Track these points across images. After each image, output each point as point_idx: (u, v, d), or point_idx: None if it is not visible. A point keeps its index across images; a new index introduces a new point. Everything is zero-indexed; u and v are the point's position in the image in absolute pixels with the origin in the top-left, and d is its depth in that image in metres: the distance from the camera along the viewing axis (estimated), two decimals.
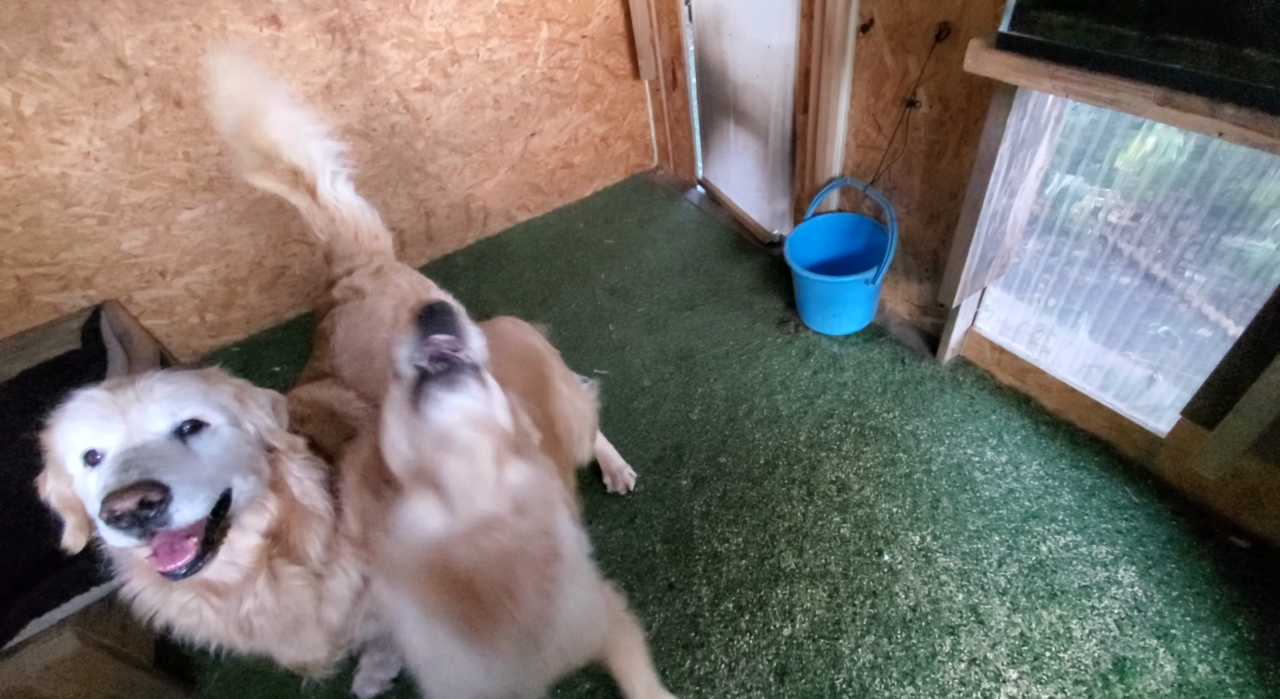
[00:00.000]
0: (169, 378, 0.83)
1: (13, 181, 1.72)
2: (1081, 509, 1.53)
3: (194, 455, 0.80)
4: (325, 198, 1.44)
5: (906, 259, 1.99)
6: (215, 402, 0.85)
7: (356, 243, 1.49)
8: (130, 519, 0.70)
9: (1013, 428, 1.74)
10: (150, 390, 0.79)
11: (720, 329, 2.21)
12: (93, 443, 0.76)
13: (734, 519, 1.64)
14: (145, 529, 0.71)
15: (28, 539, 1.31)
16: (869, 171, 1.95)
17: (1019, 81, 1.27)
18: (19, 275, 1.82)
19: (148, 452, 0.75)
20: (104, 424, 0.76)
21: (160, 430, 0.78)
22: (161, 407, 0.79)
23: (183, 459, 0.77)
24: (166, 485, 0.72)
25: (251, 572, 0.88)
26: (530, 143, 2.67)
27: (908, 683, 1.30)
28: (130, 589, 0.87)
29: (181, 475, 0.74)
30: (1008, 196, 1.52)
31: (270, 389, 0.98)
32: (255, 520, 0.88)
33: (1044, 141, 1.50)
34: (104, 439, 0.76)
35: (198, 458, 0.80)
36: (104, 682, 1.16)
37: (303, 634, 0.96)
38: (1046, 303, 1.78)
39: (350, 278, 1.40)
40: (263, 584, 0.89)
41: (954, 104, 1.61)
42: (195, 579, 0.82)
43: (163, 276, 2.06)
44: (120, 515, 0.69)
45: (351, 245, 1.48)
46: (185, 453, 0.79)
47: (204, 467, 0.79)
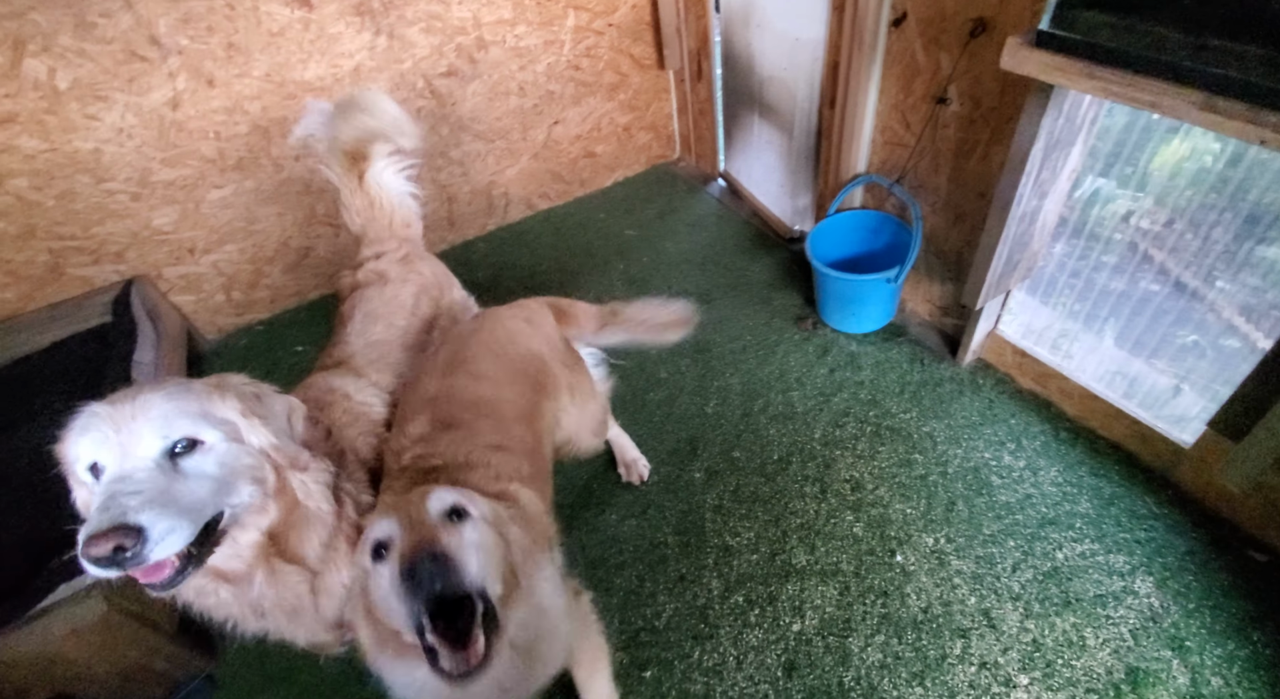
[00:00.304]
0: (171, 393, 0.82)
1: (47, 155, 1.75)
2: (1100, 517, 1.52)
3: (182, 480, 0.80)
4: (370, 183, 1.47)
5: (929, 259, 1.97)
6: (216, 417, 0.84)
7: (389, 229, 1.51)
8: (107, 562, 0.72)
9: (1032, 433, 1.72)
10: (147, 408, 0.79)
11: (738, 323, 2.20)
12: (94, 457, 0.79)
13: (746, 514, 1.64)
14: (122, 568, 0.73)
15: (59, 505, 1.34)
16: (895, 169, 1.93)
17: (1057, 81, 1.24)
18: (51, 248, 1.86)
19: (131, 484, 0.76)
20: (103, 439, 0.78)
21: (149, 454, 0.79)
22: (154, 427, 0.79)
23: (167, 489, 0.77)
24: (141, 528, 0.73)
25: (252, 564, 0.91)
26: (553, 131, 2.67)
27: (916, 684, 1.30)
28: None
29: (164, 510, 0.75)
30: (1038, 198, 1.50)
31: (288, 397, 0.98)
32: (257, 519, 0.90)
33: (1078, 143, 1.47)
34: (103, 454, 0.78)
35: (186, 483, 0.80)
36: (129, 647, 1.20)
37: (304, 620, 1.00)
38: (1072, 308, 1.76)
39: (377, 262, 1.41)
40: (261, 577, 0.92)
41: (986, 102, 1.58)
42: (206, 567, 0.85)
43: (191, 254, 2.09)
44: (97, 559, 0.71)
45: (384, 231, 1.50)
46: (173, 478, 0.79)
47: (191, 492, 0.79)
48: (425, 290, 1.43)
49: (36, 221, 1.81)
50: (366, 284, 1.37)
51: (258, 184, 2.10)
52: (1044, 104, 1.33)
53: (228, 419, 0.85)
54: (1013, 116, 1.55)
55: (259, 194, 2.12)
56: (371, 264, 1.41)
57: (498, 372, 1.16)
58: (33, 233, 1.81)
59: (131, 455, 0.77)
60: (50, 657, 1.12)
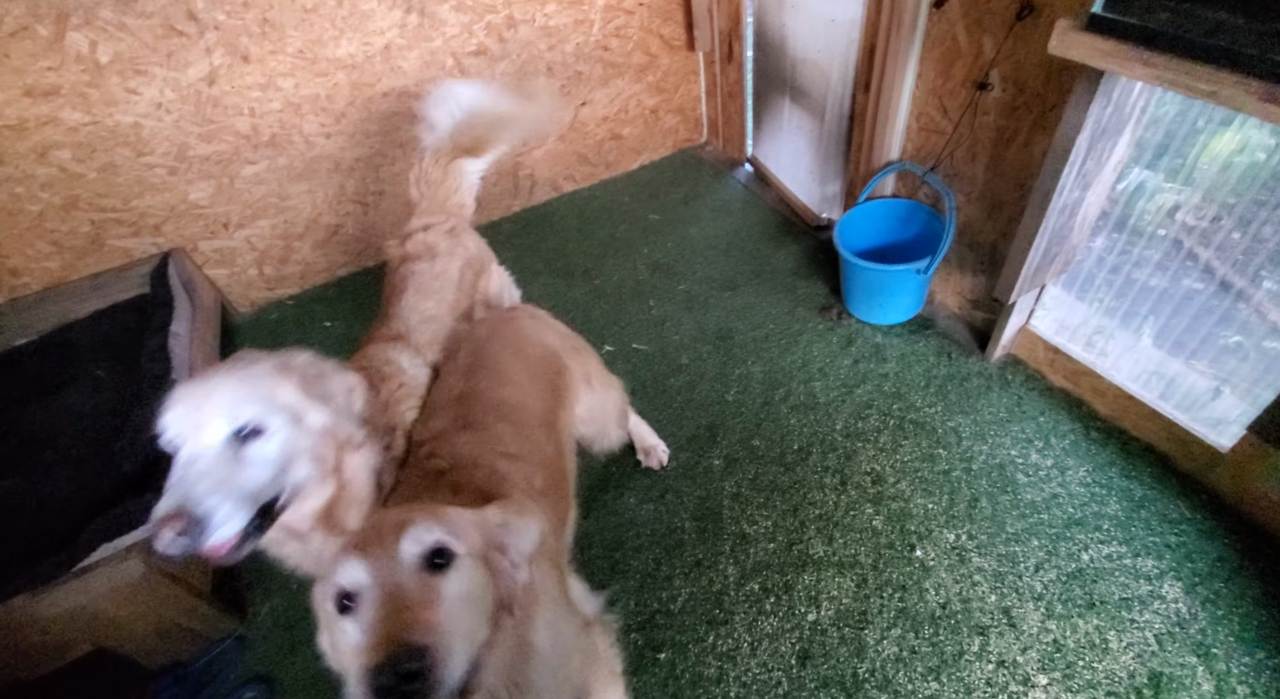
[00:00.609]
0: (241, 377, 0.88)
1: (89, 128, 1.79)
2: (1129, 520, 1.48)
3: (244, 465, 0.85)
4: (458, 164, 1.55)
5: (962, 250, 1.93)
6: (280, 402, 0.89)
7: (444, 204, 1.56)
8: (173, 540, 0.78)
9: (1061, 431, 1.69)
10: (218, 392, 0.85)
11: (761, 311, 2.18)
12: (176, 432, 0.85)
13: (764, 502, 1.64)
14: (187, 547, 0.79)
15: (100, 468, 1.40)
16: (929, 156, 1.88)
17: (1108, 67, 1.19)
18: (93, 219, 1.91)
19: (196, 470, 0.82)
20: (183, 418, 0.84)
21: (216, 438, 0.84)
22: (222, 412, 0.84)
23: (230, 474, 0.83)
24: (200, 516, 0.79)
25: (313, 525, 0.98)
26: (580, 112, 2.65)
27: (932, 678, 1.29)
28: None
29: (222, 496, 0.81)
30: (1080, 189, 1.45)
31: (350, 375, 1.02)
32: (319, 491, 0.96)
33: (1126, 133, 1.42)
34: (182, 432, 0.84)
35: (248, 468, 0.85)
36: (165, 606, 1.25)
37: None
38: (1109, 304, 1.71)
39: (426, 234, 1.45)
40: (320, 537, 0.99)
41: (1030, 88, 1.53)
42: (278, 523, 0.91)
43: (225, 228, 2.14)
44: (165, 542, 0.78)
45: (439, 205, 1.55)
46: (236, 464, 0.84)
47: (252, 477, 0.85)
48: (470, 264, 1.49)
49: (79, 193, 1.86)
50: (416, 257, 1.41)
51: (289, 161, 2.13)
52: (1092, 91, 1.27)
53: (290, 404, 0.90)
54: (1058, 104, 1.49)
55: (290, 171, 2.15)
56: (420, 236, 1.45)
57: (520, 373, 1.16)
58: (75, 204, 1.86)
59: (201, 437, 0.83)
60: (92, 612, 1.17)
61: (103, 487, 1.34)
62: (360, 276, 2.49)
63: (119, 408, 1.52)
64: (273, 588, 1.57)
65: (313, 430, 0.92)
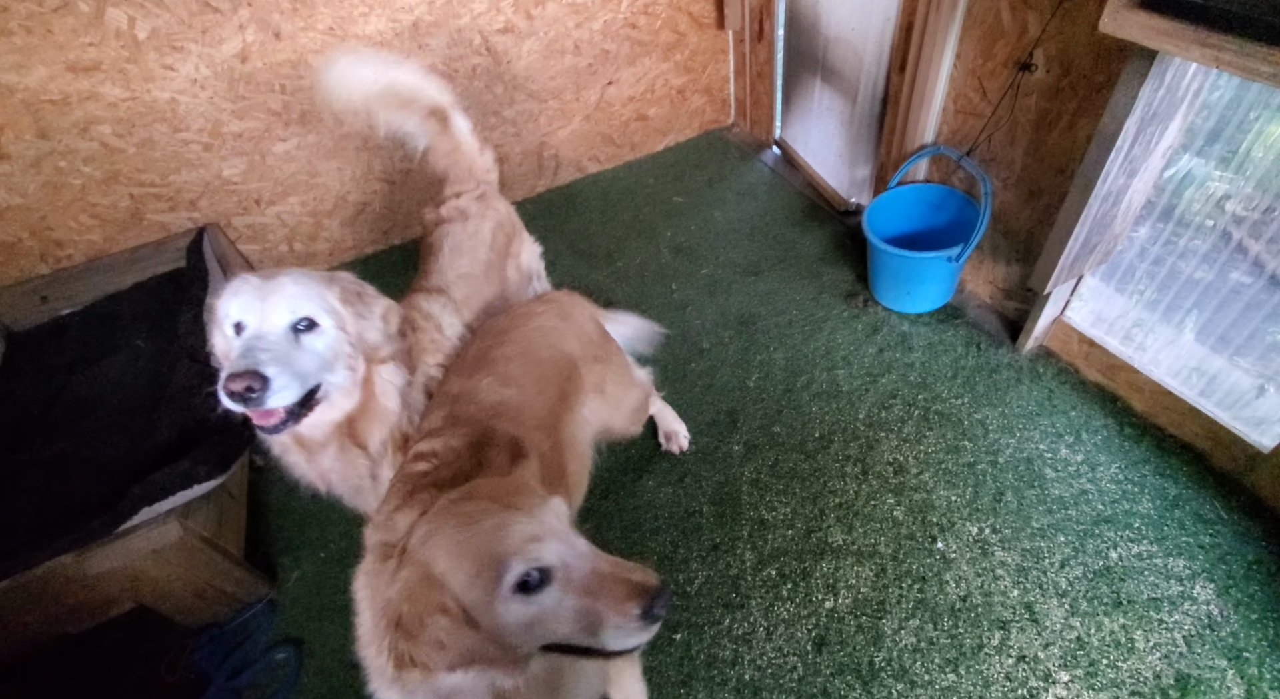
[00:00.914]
0: (299, 278, 1.00)
1: (128, 103, 1.82)
2: (1161, 519, 1.44)
3: (300, 350, 0.99)
4: (454, 129, 1.60)
5: (996, 238, 1.87)
6: (328, 305, 1.02)
7: (470, 172, 1.62)
8: (239, 397, 0.92)
9: (1094, 427, 1.64)
10: (283, 288, 0.98)
11: (784, 297, 2.15)
12: (240, 317, 0.98)
13: (783, 489, 1.63)
14: (248, 406, 0.94)
15: (141, 434, 1.45)
16: (966, 140, 1.82)
17: (1162, 47, 1.13)
18: (133, 194, 1.96)
19: (264, 342, 0.96)
20: (249, 305, 0.97)
21: (281, 324, 0.98)
22: (287, 304, 0.98)
23: (288, 353, 0.97)
24: (268, 377, 0.93)
25: (328, 437, 1.08)
26: (606, 92, 2.62)
27: (950, 670, 1.28)
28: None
29: (281, 368, 0.95)
30: (1126, 176, 1.39)
31: (387, 299, 1.13)
32: (342, 402, 1.07)
33: (1177, 117, 1.35)
34: (248, 317, 0.98)
35: (302, 353, 0.99)
36: (201, 568, 1.30)
37: (365, 498, 1.17)
38: (1150, 297, 1.65)
39: (458, 200, 1.54)
40: (334, 451, 1.09)
41: (1076, 69, 1.46)
42: (289, 431, 1.02)
43: (258, 204, 2.17)
44: (232, 393, 0.92)
45: (465, 172, 1.61)
46: (293, 347, 0.98)
47: (304, 361, 0.98)
48: (500, 226, 1.57)
49: (119, 168, 1.90)
50: (450, 220, 1.49)
51: (319, 138, 2.15)
52: (1144, 73, 1.22)
53: (336, 309, 1.02)
54: (1105, 86, 1.43)
55: (320, 148, 2.17)
56: (453, 202, 1.53)
57: (525, 376, 1.14)
58: (116, 178, 1.91)
59: (268, 322, 0.97)
60: (134, 573, 1.23)
61: (144, 452, 1.39)
62: (386, 255, 2.52)
63: (157, 377, 1.57)
64: (302, 556, 1.62)
65: (352, 337, 1.03)
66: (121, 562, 1.21)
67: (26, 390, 1.64)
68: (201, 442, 1.36)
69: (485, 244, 1.49)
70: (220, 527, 1.36)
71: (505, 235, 1.58)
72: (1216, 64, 1.05)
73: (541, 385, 1.14)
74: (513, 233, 1.63)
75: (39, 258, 1.93)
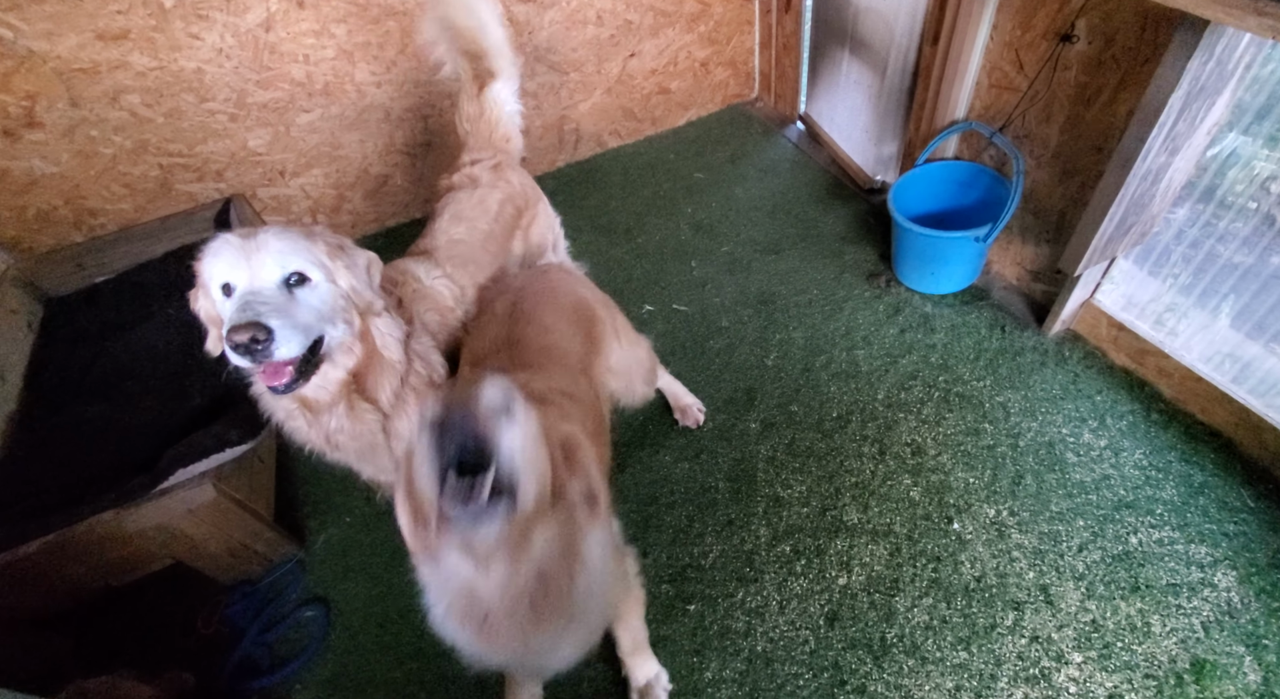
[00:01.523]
0: (281, 233, 0.98)
1: (156, 73, 1.84)
2: (1185, 506, 1.43)
3: (296, 303, 0.97)
4: (487, 96, 1.58)
5: (1026, 218, 1.82)
6: (316, 259, 1.00)
7: (490, 140, 1.60)
8: (244, 349, 0.90)
9: (1119, 412, 1.62)
10: (267, 245, 0.95)
11: (805, 276, 2.13)
12: (227, 277, 0.96)
13: (799, 467, 1.64)
14: (255, 358, 0.91)
15: (174, 400, 1.50)
16: (999, 116, 1.77)
17: (1214, 16, 1.08)
18: (162, 164, 1.98)
19: (260, 297, 0.93)
20: (235, 264, 0.95)
21: (272, 280, 0.96)
22: (275, 260, 0.96)
23: (287, 306, 0.95)
24: (271, 328, 0.91)
25: (336, 397, 1.07)
26: (628, 64, 2.57)
27: (962, 648, 1.29)
28: (257, 390, 1.10)
29: (283, 320, 0.93)
30: (1167, 154, 1.34)
31: (369, 251, 1.11)
32: (344, 359, 1.06)
33: (1225, 92, 1.30)
34: (236, 277, 0.95)
35: (299, 306, 0.97)
36: (233, 528, 1.35)
37: (377, 456, 1.17)
38: (1184, 281, 1.60)
39: (472, 168, 1.52)
40: (342, 410, 1.08)
41: (1120, 41, 1.40)
42: (294, 394, 1.02)
43: (282, 176, 2.19)
44: (237, 345, 0.90)
45: (485, 140, 1.60)
46: (290, 300, 0.96)
47: (302, 314, 0.97)
48: (511, 199, 1.53)
49: (148, 137, 1.93)
50: (460, 187, 1.48)
51: (342, 110, 2.15)
52: (1193, 44, 1.16)
53: (324, 263, 1.01)
54: (1150, 58, 1.37)
55: (343, 120, 2.17)
56: (467, 169, 1.51)
57: (559, 322, 1.20)
58: (145, 148, 1.94)
59: (259, 279, 0.95)
60: (171, 531, 1.28)
61: (176, 416, 1.44)
62: (408, 228, 2.54)
63: (188, 345, 1.62)
64: (328, 520, 1.67)
65: (343, 290, 1.03)
66: (159, 520, 1.26)
67: (65, 355, 1.70)
68: (232, 408, 1.40)
69: (489, 214, 1.46)
70: (251, 489, 1.40)
71: (515, 208, 1.55)
72: (1274, 35, 1.00)
73: (573, 330, 1.19)
74: (524, 206, 1.59)
75: (73, 226, 1.98)
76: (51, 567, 1.25)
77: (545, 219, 1.70)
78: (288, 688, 1.38)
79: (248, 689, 1.37)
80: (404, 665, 1.40)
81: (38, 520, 1.24)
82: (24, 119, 1.78)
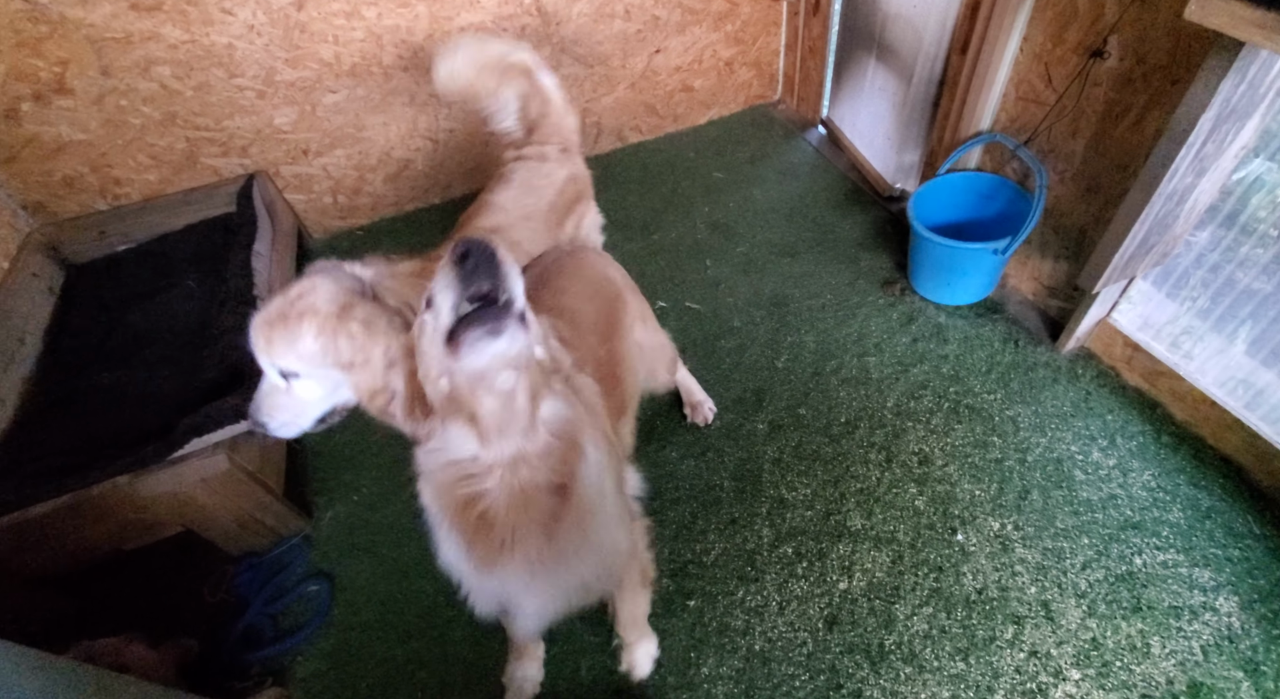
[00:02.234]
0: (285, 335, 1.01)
1: (187, 46, 1.85)
2: (1191, 529, 1.42)
3: (291, 395, 1.08)
4: (541, 84, 1.63)
5: (1046, 233, 1.82)
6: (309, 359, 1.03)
7: (558, 127, 1.65)
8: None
9: (1130, 432, 1.61)
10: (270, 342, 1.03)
11: (819, 281, 2.13)
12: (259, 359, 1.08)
13: (805, 470, 1.64)
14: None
15: (191, 370, 1.51)
16: (1024, 129, 1.76)
17: (1250, 38, 1.07)
18: (188, 137, 2.00)
19: (260, 394, 1.10)
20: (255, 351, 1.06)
21: (272, 376, 1.07)
22: (270, 359, 1.04)
23: (281, 400, 1.08)
24: (265, 426, 1.11)
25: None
26: (653, 60, 2.57)
27: (960, 659, 1.30)
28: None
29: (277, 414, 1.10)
30: (1194, 175, 1.34)
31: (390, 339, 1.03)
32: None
33: (1255, 116, 1.29)
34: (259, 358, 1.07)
35: (292, 397, 1.08)
36: (244, 500, 1.37)
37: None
38: (1202, 305, 1.59)
39: (541, 147, 1.58)
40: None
41: (1152, 59, 1.40)
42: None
43: (305, 155, 2.21)
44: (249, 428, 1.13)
45: (553, 127, 1.65)
46: (286, 393, 1.07)
47: (295, 404, 1.09)
48: (574, 179, 1.59)
49: (176, 110, 1.94)
50: (528, 158, 1.53)
51: (367, 92, 2.16)
52: (1226, 65, 1.16)
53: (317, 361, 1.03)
54: (1181, 78, 1.36)
55: (368, 102, 2.18)
56: (536, 146, 1.57)
57: (578, 289, 1.22)
58: (173, 120, 1.95)
59: (266, 369, 1.07)
60: (183, 499, 1.30)
61: (192, 387, 1.46)
62: (425, 213, 2.55)
63: (206, 317, 1.63)
64: (336, 497, 1.69)
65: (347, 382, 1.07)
66: (172, 487, 1.27)
67: (85, 321, 1.72)
68: (246, 381, 1.42)
69: (555, 188, 1.50)
70: (262, 462, 1.42)
71: (576, 190, 1.59)
72: None
73: (593, 301, 1.21)
74: (584, 192, 1.64)
75: (98, 193, 2.00)
76: (66, 527, 1.27)
77: (594, 216, 1.76)
78: (289, 659, 1.40)
79: (250, 659, 1.38)
80: (405, 644, 1.41)
81: (52, 481, 1.26)
82: (55, 84, 1.79)
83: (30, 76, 1.76)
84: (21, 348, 1.63)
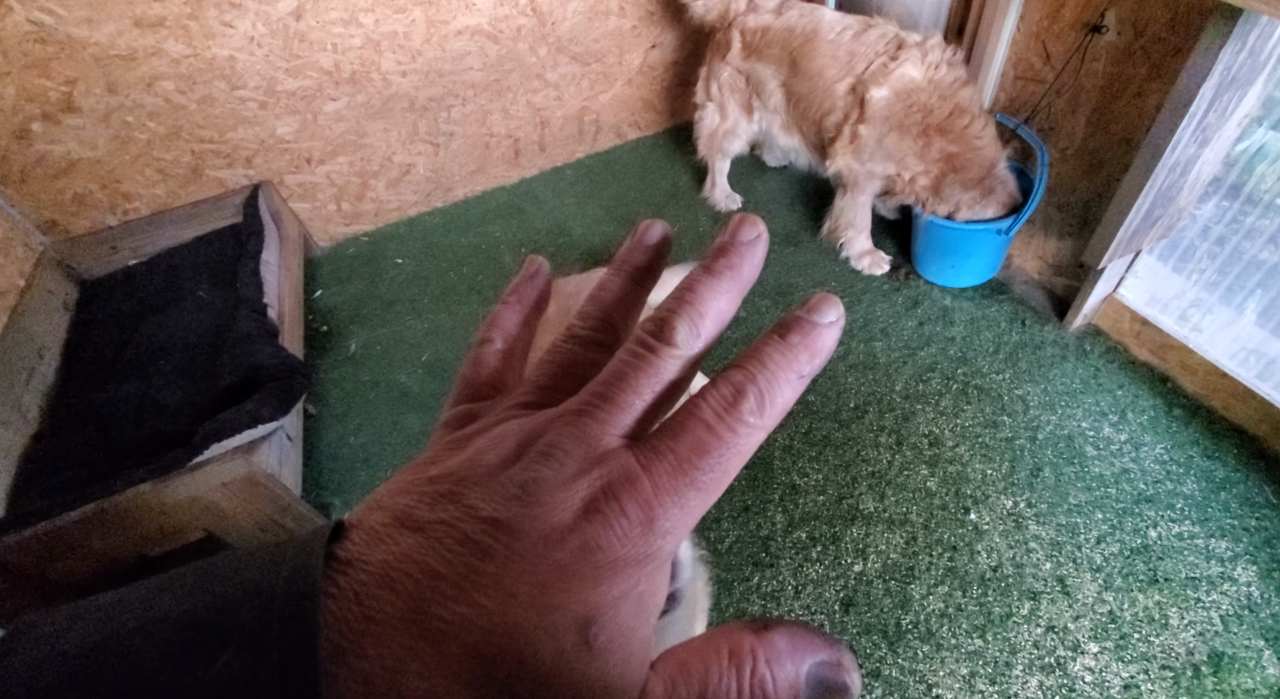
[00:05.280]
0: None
1: (190, 60, 1.88)
2: (1206, 501, 1.42)
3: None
4: None
5: (1049, 211, 1.82)
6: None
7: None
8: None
9: (1140, 406, 1.61)
10: None
11: (823, 268, 2.13)
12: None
13: (816, 456, 1.65)
14: None
15: (205, 380, 1.54)
16: (1024, 108, 1.76)
17: (1249, 4, 1.08)
18: (194, 150, 2.03)
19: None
20: None
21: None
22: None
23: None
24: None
25: None
26: (650, 56, 2.58)
27: (977, 636, 1.30)
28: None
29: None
30: (1197, 145, 1.34)
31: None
32: None
33: (1257, 84, 1.29)
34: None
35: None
36: (264, 503, 1.39)
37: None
38: (1210, 277, 1.59)
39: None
40: None
41: (1151, 31, 1.40)
42: None
43: (308, 163, 2.23)
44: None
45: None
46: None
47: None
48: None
49: (181, 123, 1.97)
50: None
51: (367, 98, 2.18)
52: (1226, 33, 1.16)
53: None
54: (1180, 49, 1.36)
55: (368, 109, 2.20)
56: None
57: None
58: (178, 134, 1.98)
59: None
60: (204, 504, 1.32)
61: (208, 395, 1.48)
62: (429, 217, 2.57)
63: (219, 326, 1.66)
64: (352, 500, 1.71)
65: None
66: (194, 493, 1.30)
67: (100, 335, 1.75)
68: (262, 387, 1.44)
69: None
70: (280, 466, 1.44)
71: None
72: None
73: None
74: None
75: (109, 209, 2.03)
76: (93, 535, 1.29)
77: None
78: None
79: None
80: None
81: (77, 491, 1.29)
82: (63, 104, 1.82)
83: (40, 97, 1.79)
84: (41, 363, 1.67)
